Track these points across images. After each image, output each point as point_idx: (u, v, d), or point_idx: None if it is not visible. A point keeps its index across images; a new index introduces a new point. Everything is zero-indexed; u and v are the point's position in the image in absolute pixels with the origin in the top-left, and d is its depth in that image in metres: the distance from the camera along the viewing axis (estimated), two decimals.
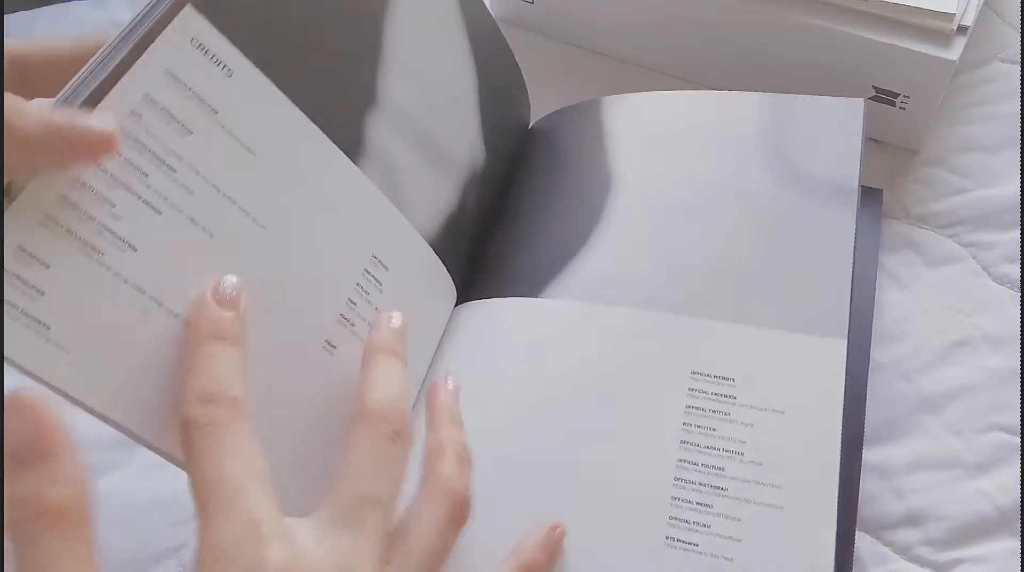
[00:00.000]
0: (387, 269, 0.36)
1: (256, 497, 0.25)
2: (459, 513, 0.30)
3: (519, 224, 0.43)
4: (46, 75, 0.29)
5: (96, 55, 0.27)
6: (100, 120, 0.25)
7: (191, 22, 0.29)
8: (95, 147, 0.25)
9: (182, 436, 0.26)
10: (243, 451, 0.26)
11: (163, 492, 0.39)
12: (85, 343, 0.25)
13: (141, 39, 0.27)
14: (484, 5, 0.44)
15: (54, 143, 0.24)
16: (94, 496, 0.23)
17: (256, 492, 0.25)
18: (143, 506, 0.39)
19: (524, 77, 0.47)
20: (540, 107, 0.48)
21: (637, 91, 0.46)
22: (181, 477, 0.28)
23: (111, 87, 0.26)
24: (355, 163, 0.35)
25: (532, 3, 0.54)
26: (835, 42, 0.46)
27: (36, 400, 0.23)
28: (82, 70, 0.26)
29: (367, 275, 0.35)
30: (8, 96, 0.24)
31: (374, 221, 0.36)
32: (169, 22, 0.28)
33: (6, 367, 0.24)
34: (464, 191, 0.41)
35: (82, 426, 0.42)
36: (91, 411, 0.26)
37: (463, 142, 0.42)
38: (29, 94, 0.28)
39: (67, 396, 0.25)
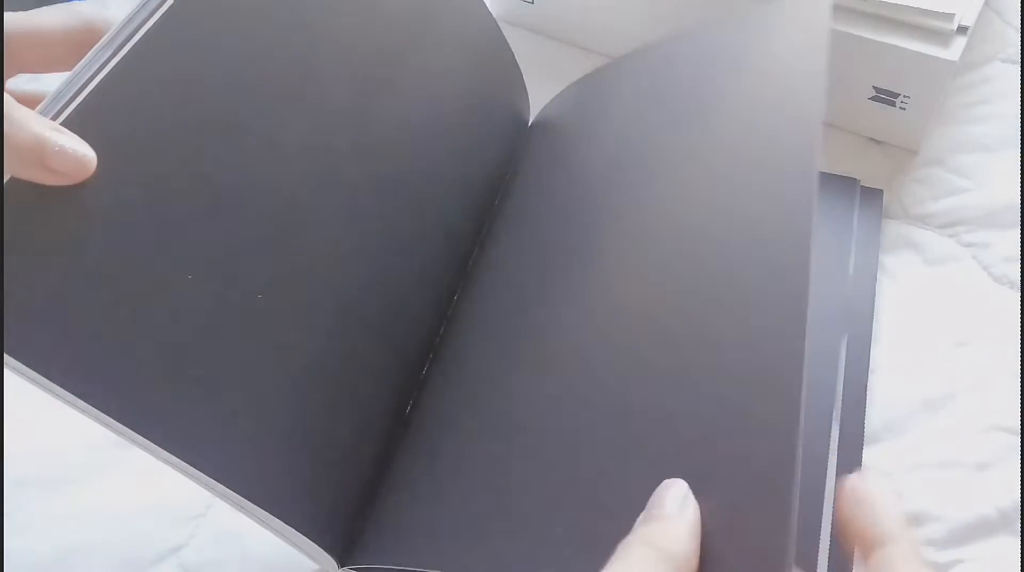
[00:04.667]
0: None
1: None
2: None
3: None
4: (31, 49, 0.30)
5: (83, 60, 0.27)
6: (85, 149, 0.26)
7: None
8: (73, 176, 0.26)
9: None
10: None
11: (163, 492, 0.39)
12: None
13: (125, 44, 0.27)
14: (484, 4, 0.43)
15: (38, 162, 0.25)
16: None
17: None
18: (143, 506, 0.39)
19: (523, 77, 0.47)
20: (540, 107, 0.48)
21: None
22: (181, 478, 0.28)
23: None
24: None
25: (532, 3, 0.54)
26: (835, 42, 0.45)
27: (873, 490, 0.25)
28: (68, 77, 0.26)
29: None
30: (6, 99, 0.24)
31: None
32: None
33: (6, 368, 0.24)
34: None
35: (81, 427, 0.41)
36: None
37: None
38: (12, 67, 0.29)
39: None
